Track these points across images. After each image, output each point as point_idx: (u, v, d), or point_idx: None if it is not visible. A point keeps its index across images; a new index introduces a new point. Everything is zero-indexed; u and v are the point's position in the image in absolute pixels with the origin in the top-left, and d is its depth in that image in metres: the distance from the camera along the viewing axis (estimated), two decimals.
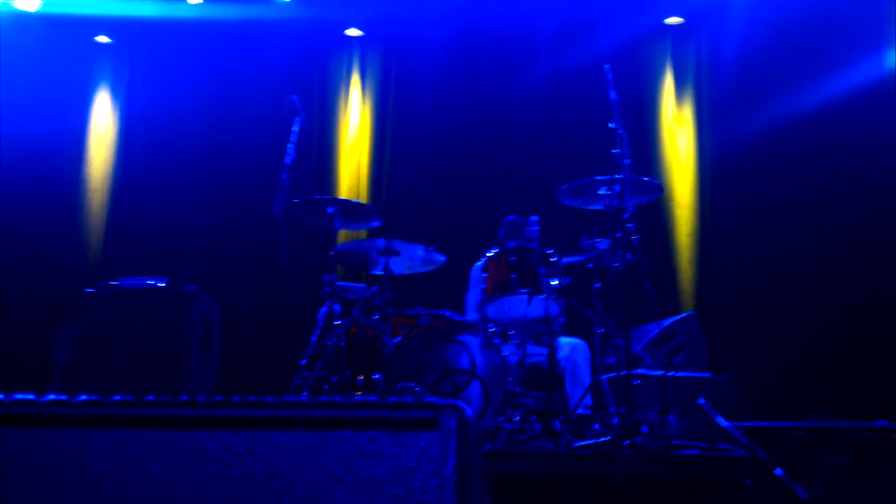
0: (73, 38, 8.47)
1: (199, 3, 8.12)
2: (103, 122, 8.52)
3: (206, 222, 7.98)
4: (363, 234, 7.25)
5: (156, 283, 5.84)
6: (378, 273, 5.26)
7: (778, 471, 4.19)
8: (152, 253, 7.79)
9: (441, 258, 5.30)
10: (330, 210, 5.23)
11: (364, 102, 8.33)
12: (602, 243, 5.00)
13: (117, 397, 1.12)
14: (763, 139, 7.50)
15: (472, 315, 6.10)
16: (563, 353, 5.43)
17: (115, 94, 8.60)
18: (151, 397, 1.13)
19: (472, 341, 4.97)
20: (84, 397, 1.13)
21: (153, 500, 1.09)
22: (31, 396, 1.12)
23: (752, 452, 4.19)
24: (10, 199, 8.02)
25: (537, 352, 5.17)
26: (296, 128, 5.42)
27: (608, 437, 4.23)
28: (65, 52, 8.48)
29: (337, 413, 1.09)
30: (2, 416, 1.13)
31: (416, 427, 1.06)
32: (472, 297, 6.18)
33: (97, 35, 8.57)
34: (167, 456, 1.10)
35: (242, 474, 1.08)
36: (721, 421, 4.53)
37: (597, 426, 4.76)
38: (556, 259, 5.12)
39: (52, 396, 1.12)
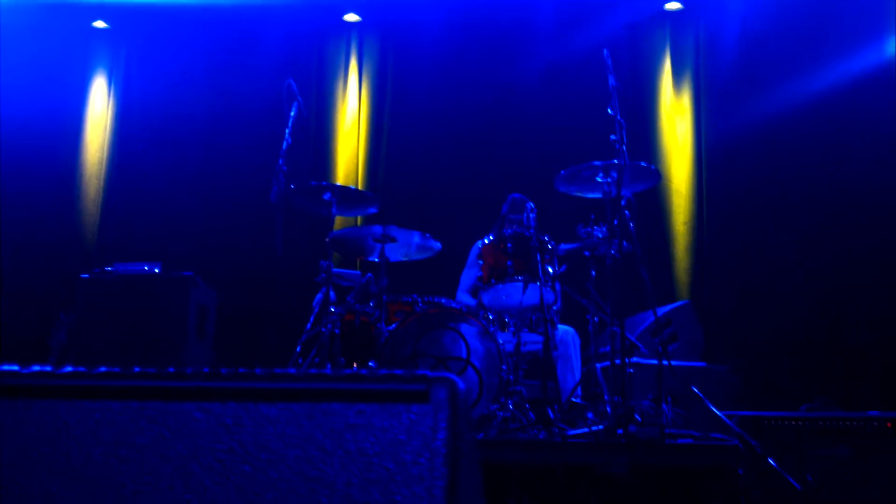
0: (70, 23, 8.45)
1: None
2: (100, 107, 8.50)
3: (203, 208, 7.97)
4: (359, 220, 7.25)
5: (151, 269, 5.82)
6: (374, 260, 5.25)
7: (771, 460, 4.19)
8: (148, 238, 7.78)
9: (437, 245, 5.27)
10: (326, 196, 5.21)
11: (361, 88, 8.30)
12: (599, 231, 4.99)
13: (103, 368, 1.11)
14: (762, 127, 7.48)
15: (464, 292, 6.09)
16: (555, 340, 5.43)
17: (112, 79, 8.58)
18: (137, 368, 1.12)
19: (468, 329, 4.97)
20: (69, 368, 1.12)
21: (140, 472, 1.08)
22: (15, 367, 1.11)
23: (746, 441, 4.19)
24: (5, 184, 8.01)
25: (533, 339, 5.16)
26: (293, 113, 5.39)
27: (602, 426, 4.22)
28: (62, 37, 8.47)
29: (326, 385, 1.08)
30: None
31: (406, 399, 1.06)
32: (468, 275, 6.17)
33: (94, 20, 8.54)
34: (154, 427, 1.10)
35: (230, 446, 1.07)
36: (715, 410, 4.54)
37: (590, 414, 4.76)
38: (552, 246, 5.11)
39: (36, 368, 1.11)
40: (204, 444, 1.08)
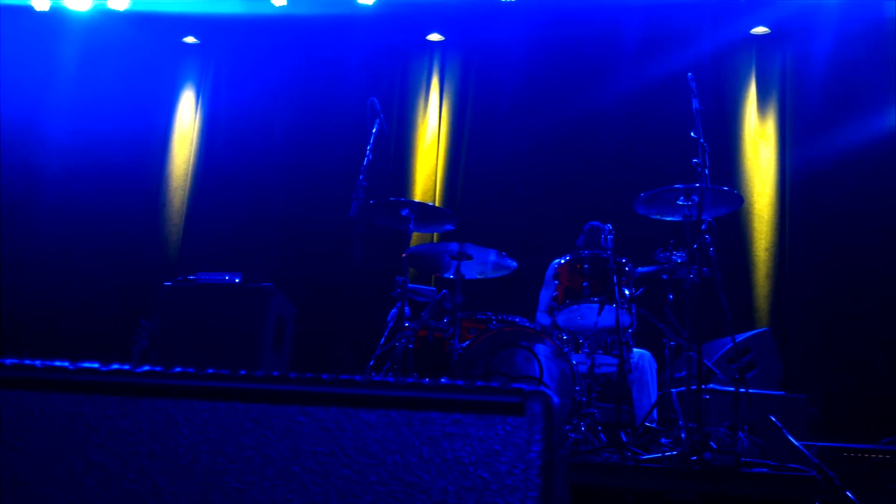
0: (160, 37, 8.69)
1: (284, 4, 8.23)
2: (187, 120, 8.73)
3: (284, 220, 8.12)
4: (436, 237, 7.30)
5: (232, 279, 5.93)
6: (449, 277, 5.26)
7: (849, 493, 4.09)
8: (230, 249, 7.95)
9: (513, 264, 5.28)
10: (404, 212, 5.27)
11: (442, 106, 8.38)
12: (678, 256, 4.94)
13: (210, 370, 1.16)
14: (848, 155, 7.34)
15: (542, 312, 6.09)
16: (630, 364, 5.39)
17: (200, 92, 8.80)
18: (244, 371, 1.16)
19: (542, 349, 4.96)
20: (178, 369, 1.17)
21: (244, 471, 1.12)
22: (126, 367, 1.17)
23: (824, 473, 4.10)
24: (95, 193, 8.28)
25: (607, 362, 5.13)
26: (374, 130, 5.46)
27: (676, 452, 4.17)
28: (153, 51, 8.72)
29: (424, 394, 1.11)
30: (97, 384, 1.18)
31: (502, 411, 1.08)
32: (546, 294, 6.17)
33: (185, 35, 8.78)
34: (259, 429, 1.14)
35: (331, 449, 1.11)
36: (792, 440, 4.45)
37: (664, 440, 4.71)
38: (629, 269, 5.08)
39: (146, 367, 1.17)
40: (306, 447, 1.12)
